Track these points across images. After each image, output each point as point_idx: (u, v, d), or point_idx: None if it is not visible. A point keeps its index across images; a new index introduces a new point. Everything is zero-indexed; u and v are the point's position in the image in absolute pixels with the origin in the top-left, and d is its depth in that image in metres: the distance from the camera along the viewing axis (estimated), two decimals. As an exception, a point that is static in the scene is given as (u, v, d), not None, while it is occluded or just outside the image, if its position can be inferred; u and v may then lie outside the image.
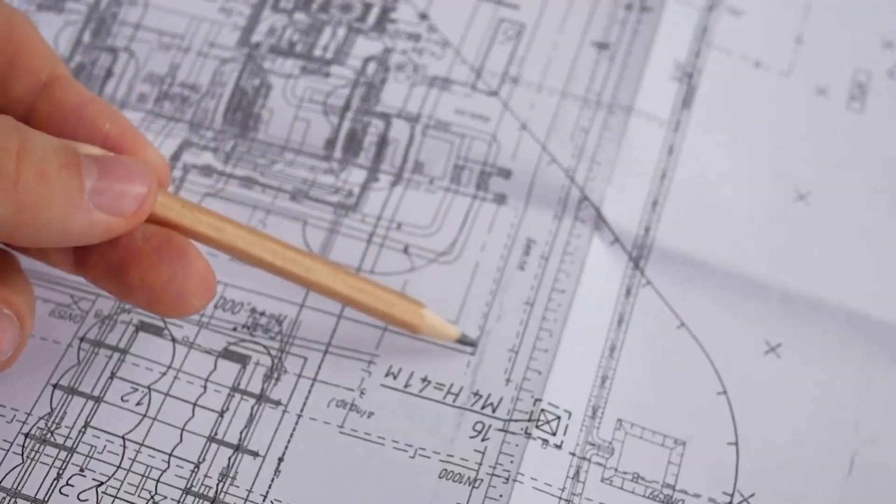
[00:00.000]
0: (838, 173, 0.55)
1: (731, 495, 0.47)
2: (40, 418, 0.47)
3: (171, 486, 0.46)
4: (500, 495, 0.46)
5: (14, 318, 0.43)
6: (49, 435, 0.47)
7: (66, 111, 0.44)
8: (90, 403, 0.48)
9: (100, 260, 0.43)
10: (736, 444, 0.48)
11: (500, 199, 0.53)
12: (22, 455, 0.46)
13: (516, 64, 0.57)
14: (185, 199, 0.45)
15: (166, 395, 0.48)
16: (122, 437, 0.47)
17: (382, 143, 0.55)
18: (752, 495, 0.47)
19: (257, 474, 0.46)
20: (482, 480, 0.46)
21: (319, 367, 0.49)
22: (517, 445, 0.47)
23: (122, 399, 0.48)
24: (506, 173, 0.54)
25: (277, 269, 0.46)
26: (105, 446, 0.47)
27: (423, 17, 0.58)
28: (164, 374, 0.48)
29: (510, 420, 0.48)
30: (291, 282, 0.47)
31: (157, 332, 0.50)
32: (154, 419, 0.47)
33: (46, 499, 0.45)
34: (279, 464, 0.47)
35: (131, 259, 0.43)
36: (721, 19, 0.58)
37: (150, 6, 0.58)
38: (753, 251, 0.52)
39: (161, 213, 0.44)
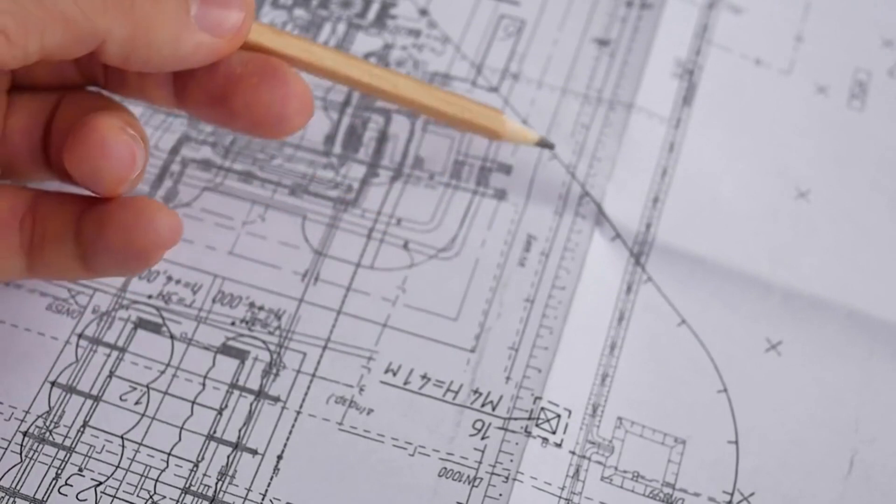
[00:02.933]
0: (839, 171, 0.55)
1: (731, 494, 0.47)
2: (38, 417, 0.47)
3: (170, 485, 0.46)
4: (500, 494, 0.46)
5: (139, 138, 0.44)
6: (48, 434, 0.47)
7: None
8: (89, 402, 0.48)
9: (201, 90, 0.46)
10: (736, 442, 0.48)
11: (501, 194, 0.53)
12: (20, 454, 0.46)
13: (517, 60, 0.57)
14: (274, 27, 0.47)
15: (165, 393, 0.48)
16: (121, 437, 0.47)
17: (382, 138, 0.55)
18: (751, 494, 0.47)
19: (256, 472, 0.46)
20: (482, 479, 0.46)
21: (318, 363, 0.49)
22: (517, 444, 0.47)
23: (120, 398, 0.48)
24: (506, 169, 0.54)
25: (366, 87, 0.48)
26: (104, 446, 0.47)
27: (424, 13, 0.58)
28: (162, 372, 0.48)
29: (510, 418, 0.48)
30: (380, 97, 0.49)
31: (155, 328, 0.49)
32: (153, 418, 0.47)
33: (45, 498, 0.45)
34: (278, 461, 0.47)
35: (232, 85, 0.45)
36: (721, 17, 0.58)
37: (150, 2, 0.58)
38: (754, 249, 0.52)
39: (255, 39, 0.46)
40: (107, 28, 0.41)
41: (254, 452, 0.47)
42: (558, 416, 0.48)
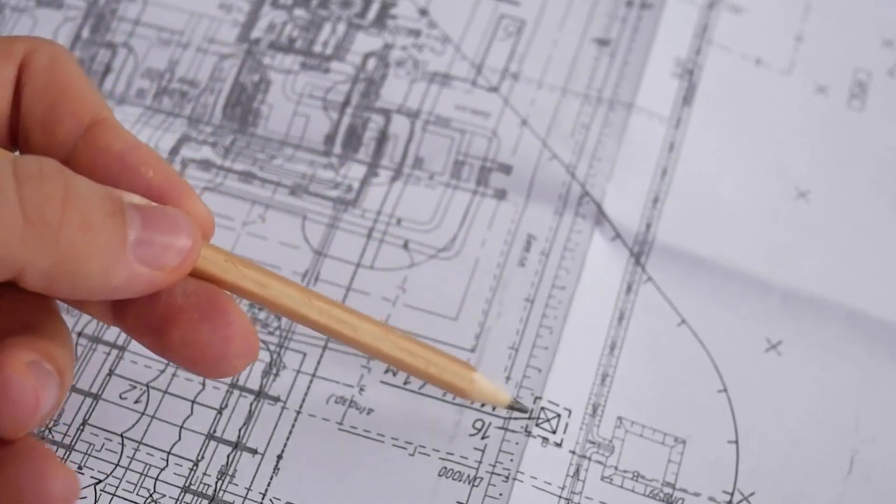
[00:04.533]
0: (839, 171, 0.55)
1: (731, 494, 0.47)
2: (39, 416, 0.47)
3: (170, 484, 0.46)
4: (500, 494, 0.46)
5: (56, 374, 0.39)
6: (47, 432, 0.47)
7: (109, 157, 0.41)
8: (88, 401, 0.48)
9: (139, 315, 0.41)
10: (736, 442, 0.48)
11: (501, 194, 0.53)
12: (20, 452, 0.46)
13: (517, 60, 0.57)
14: (229, 252, 0.43)
15: (165, 392, 0.48)
16: (121, 435, 0.47)
17: (382, 138, 0.55)
18: (752, 494, 0.47)
19: (256, 472, 0.46)
20: (482, 479, 0.46)
21: (318, 363, 0.49)
22: (517, 444, 0.47)
23: (120, 397, 0.48)
24: (506, 169, 0.54)
25: (323, 328, 0.44)
26: (103, 444, 0.47)
27: (424, 13, 0.58)
28: (162, 371, 0.48)
29: (510, 418, 0.48)
30: (338, 340, 0.45)
31: (155, 328, 0.49)
32: (153, 417, 0.47)
33: (45, 497, 0.45)
34: (278, 461, 0.47)
35: (171, 316, 0.40)
36: (721, 17, 0.58)
37: (150, 2, 0.58)
38: (754, 248, 0.52)
39: (203, 266, 0.42)
40: (25, 259, 0.36)
41: (254, 452, 0.47)
42: (558, 415, 0.48)
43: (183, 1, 0.58)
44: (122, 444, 0.47)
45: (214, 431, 0.47)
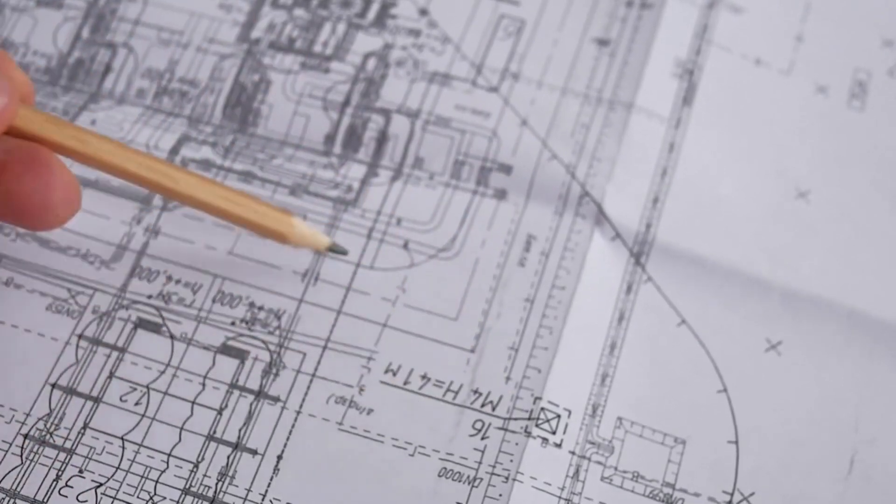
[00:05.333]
0: (839, 171, 0.55)
1: (731, 494, 0.47)
2: (39, 419, 0.47)
3: (171, 486, 0.46)
4: (500, 494, 0.46)
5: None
6: (48, 436, 0.47)
7: None
8: (89, 404, 0.48)
9: None
10: (736, 442, 0.48)
11: (501, 194, 0.53)
12: (21, 456, 0.46)
13: (517, 60, 0.57)
14: (51, 114, 0.46)
15: (165, 393, 0.48)
16: (122, 438, 0.47)
17: (382, 138, 0.55)
18: (751, 494, 0.47)
19: (256, 473, 0.46)
20: (482, 479, 0.46)
21: (318, 363, 0.49)
22: (517, 444, 0.47)
23: (120, 399, 0.48)
24: (506, 169, 0.54)
25: (144, 181, 0.46)
26: (104, 447, 0.47)
27: (424, 12, 0.58)
28: (162, 372, 0.48)
29: (510, 418, 0.48)
30: (160, 193, 0.47)
31: (155, 328, 0.49)
32: (153, 419, 0.47)
33: (46, 500, 0.45)
34: (278, 462, 0.47)
35: None
36: (721, 17, 0.58)
37: (150, 2, 0.58)
38: (754, 249, 0.52)
39: (24, 126, 0.44)
40: None
41: (254, 453, 0.47)
42: (558, 416, 0.48)
43: (183, 1, 0.58)
44: (123, 447, 0.47)
45: (214, 432, 0.47)
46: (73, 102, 0.55)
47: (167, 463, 0.46)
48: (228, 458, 0.47)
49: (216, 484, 0.46)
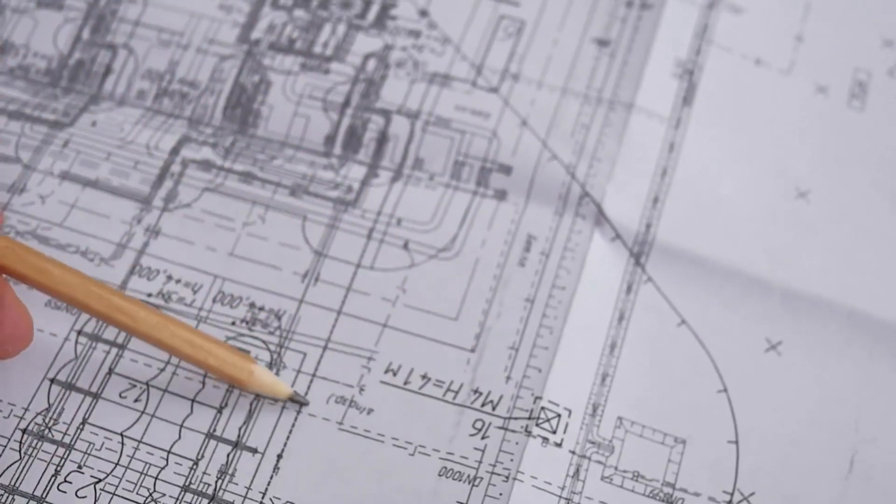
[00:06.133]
0: (839, 171, 0.55)
1: (731, 494, 0.47)
2: (38, 414, 0.47)
3: (170, 483, 0.46)
4: (500, 494, 0.46)
5: None
6: (47, 431, 0.47)
7: None
8: (88, 399, 0.48)
9: None
10: (736, 442, 0.48)
11: (501, 195, 0.53)
12: (20, 451, 0.46)
13: (517, 61, 0.57)
14: (11, 238, 0.45)
15: (165, 391, 0.48)
16: (121, 434, 0.47)
17: (382, 139, 0.55)
18: (752, 494, 0.47)
19: (256, 471, 0.46)
20: (482, 479, 0.46)
21: (319, 363, 0.49)
22: (517, 443, 0.47)
23: (120, 395, 0.48)
24: (506, 169, 0.54)
25: (102, 316, 0.46)
26: (103, 443, 0.47)
27: (424, 13, 0.58)
28: (162, 369, 0.48)
29: (510, 418, 0.48)
30: (117, 328, 0.47)
31: (155, 328, 0.49)
32: (152, 416, 0.47)
33: (44, 495, 0.45)
34: (278, 461, 0.47)
35: None
36: (721, 17, 0.58)
37: (150, 3, 0.58)
38: (754, 249, 0.52)
39: None
40: None
41: (254, 451, 0.47)
42: (558, 415, 0.48)
43: (183, 2, 0.58)
44: (122, 444, 0.47)
45: (214, 430, 0.47)
46: (73, 104, 0.56)
47: (167, 460, 0.46)
48: (228, 456, 0.47)
49: (216, 481, 0.46)
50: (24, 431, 0.47)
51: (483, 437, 0.47)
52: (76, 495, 0.45)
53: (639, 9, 0.58)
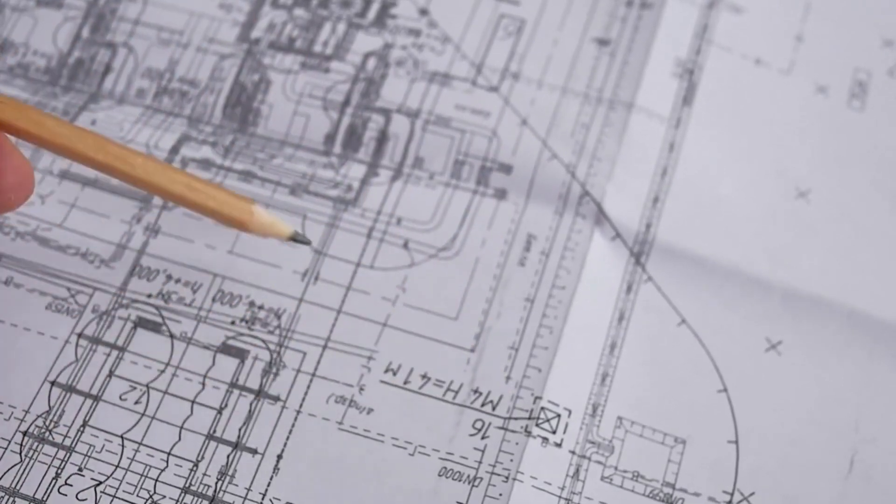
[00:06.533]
0: (839, 171, 0.55)
1: (731, 494, 0.47)
2: (38, 416, 0.47)
3: (170, 485, 0.46)
4: (500, 494, 0.46)
5: None
6: (47, 433, 0.47)
7: None
8: (88, 402, 0.48)
9: None
10: (736, 442, 0.48)
11: (501, 194, 0.53)
12: (20, 454, 0.46)
13: (517, 60, 0.57)
14: (6, 95, 0.45)
15: (165, 392, 0.48)
16: (121, 437, 0.47)
17: (382, 138, 0.55)
18: (752, 494, 0.47)
19: (256, 472, 0.46)
20: (482, 479, 0.46)
21: (318, 362, 0.49)
22: (517, 444, 0.47)
23: (120, 398, 0.48)
24: (506, 168, 0.54)
25: (101, 165, 0.45)
26: (104, 445, 0.47)
27: (424, 12, 0.58)
28: (162, 371, 0.48)
29: (510, 418, 0.48)
30: (118, 178, 0.46)
31: (155, 328, 0.49)
32: (153, 418, 0.47)
33: (45, 498, 0.45)
34: (278, 461, 0.47)
35: None
36: (721, 17, 0.58)
37: (150, 2, 0.58)
38: (754, 248, 0.52)
39: None
40: None
41: (254, 452, 0.47)
42: (558, 415, 0.48)
43: (183, 1, 0.58)
44: (123, 446, 0.47)
45: (214, 431, 0.47)
46: (73, 102, 0.55)
47: (167, 462, 0.46)
48: (228, 457, 0.47)
49: (216, 483, 0.46)
50: (24, 434, 0.47)
51: (483, 437, 0.47)
52: (77, 498, 0.45)
53: (639, 8, 0.58)
